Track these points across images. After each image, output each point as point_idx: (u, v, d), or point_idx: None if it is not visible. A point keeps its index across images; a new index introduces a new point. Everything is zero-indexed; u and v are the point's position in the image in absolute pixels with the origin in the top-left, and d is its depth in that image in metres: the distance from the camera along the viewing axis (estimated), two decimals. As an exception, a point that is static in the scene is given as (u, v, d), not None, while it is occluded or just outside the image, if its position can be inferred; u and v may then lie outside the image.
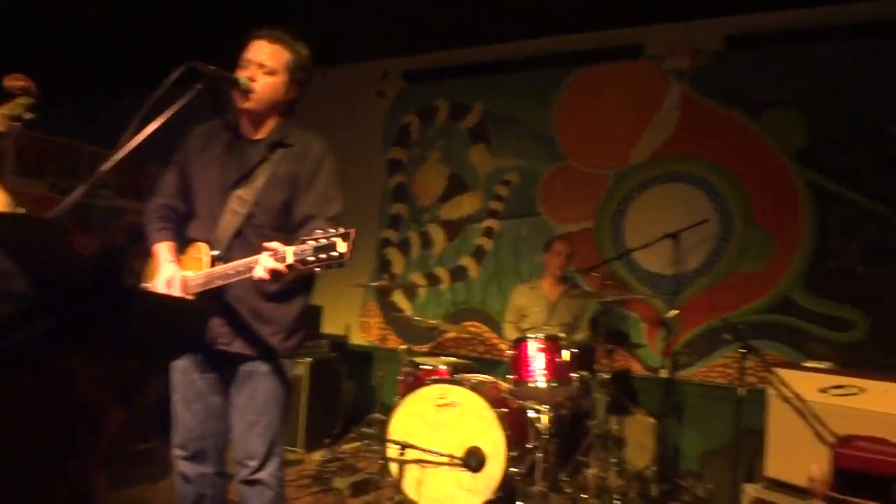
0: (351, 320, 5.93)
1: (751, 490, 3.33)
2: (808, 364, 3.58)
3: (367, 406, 5.21)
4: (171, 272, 2.19)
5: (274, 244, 1.90)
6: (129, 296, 0.66)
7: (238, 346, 2.25)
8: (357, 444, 4.69)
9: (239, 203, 2.24)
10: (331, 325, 5.81)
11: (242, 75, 2.22)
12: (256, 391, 2.26)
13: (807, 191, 4.59)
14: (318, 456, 4.35)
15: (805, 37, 4.63)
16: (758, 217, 4.73)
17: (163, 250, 2.29)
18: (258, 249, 1.97)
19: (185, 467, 2.31)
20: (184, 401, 2.33)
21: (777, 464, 3.36)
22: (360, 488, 3.84)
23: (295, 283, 2.26)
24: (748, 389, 3.65)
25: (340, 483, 3.81)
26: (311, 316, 5.17)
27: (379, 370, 4.78)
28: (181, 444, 2.32)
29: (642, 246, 4.60)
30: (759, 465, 3.49)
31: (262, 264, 1.92)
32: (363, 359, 5.76)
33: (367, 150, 6.00)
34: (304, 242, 1.85)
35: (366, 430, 4.69)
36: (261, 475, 2.27)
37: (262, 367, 2.27)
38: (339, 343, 5.64)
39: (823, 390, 3.26)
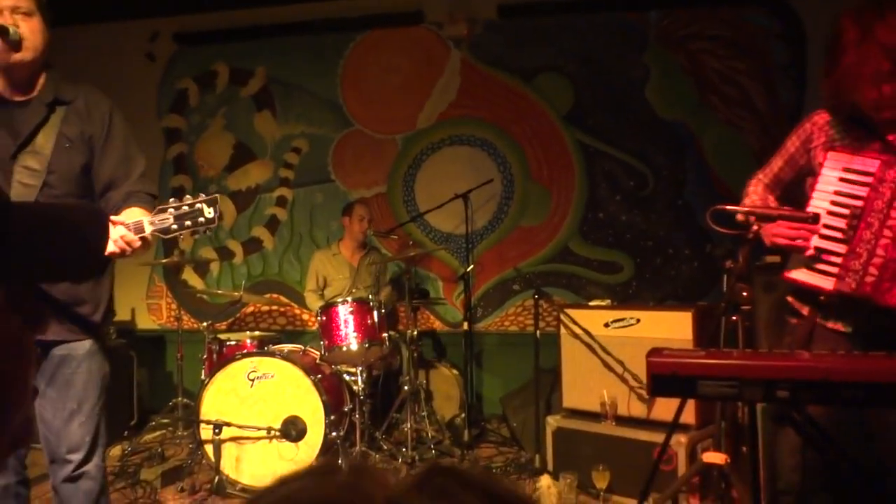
0: (136, 303, 5.49)
1: (552, 421, 3.66)
2: (592, 303, 3.99)
3: (164, 393, 4.89)
4: None
5: (123, 217, 1.77)
6: (5, 209, 0.61)
7: (53, 333, 2.02)
8: (160, 432, 4.41)
9: (28, 174, 1.97)
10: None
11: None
12: (75, 375, 2.04)
13: (576, 149, 5.06)
14: (117, 451, 4.02)
15: (567, 7, 5.06)
16: (535, 174, 5.12)
17: None
18: None
19: None
20: None
21: (572, 395, 3.73)
22: (171, 476, 3.62)
23: None
24: (541, 332, 4.00)
25: (149, 474, 3.57)
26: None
27: (177, 352, 4.51)
28: None
29: (435, 207, 4.81)
30: (557, 398, 3.85)
31: (114, 237, 1.78)
32: (154, 343, 5.37)
33: (139, 118, 5.46)
34: (163, 212, 1.79)
35: (169, 416, 4.42)
36: (87, 468, 2.06)
37: (78, 349, 2.05)
38: (125, 329, 5.20)
39: (607, 324, 3.66)
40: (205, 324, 4.18)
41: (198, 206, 1.80)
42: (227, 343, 4.04)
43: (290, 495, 0.38)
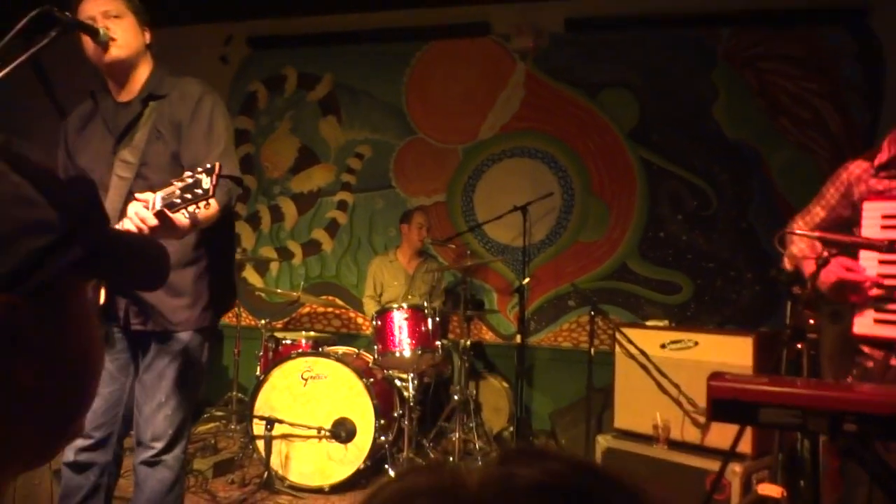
0: (232, 297, 5.67)
1: (603, 441, 3.61)
2: (650, 323, 3.93)
3: (220, 386, 5.01)
4: None
5: (145, 194, 1.79)
6: (108, 228, 0.65)
7: (153, 324, 2.11)
8: (214, 424, 4.51)
9: (123, 167, 2.08)
10: (174, 304, 5.48)
11: None
12: (167, 370, 2.12)
13: (639, 166, 4.99)
14: (171, 440, 4.13)
15: (636, 23, 5.00)
16: (596, 190, 5.07)
17: None
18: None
19: (84, 456, 2.11)
20: None
21: (625, 415, 3.66)
22: (222, 468, 3.71)
23: (204, 246, 2.16)
24: (595, 350, 3.95)
25: (201, 464, 3.66)
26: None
27: (234, 348, 4.62)
28: (86, 433, 2.09)
29: (494, 218, 4.81)
30: (608, 418, 3.79)
31: (130, 214, 1.77)
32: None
33: (209, 119, 5.66)
34: (170, 185, 1.75)
35: (223, 409, 4.53)
36: (166, 457, 2.14)
37: (175, 345, 2.13)
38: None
39: (664, 346, 3.59)
40: (263, 321, 4.27)
41: (197, 177, 1.73)
42: (284, 342, 4.12)
43: (402, 487, 0.42)
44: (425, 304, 4.01)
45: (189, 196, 1.72)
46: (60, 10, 1.94)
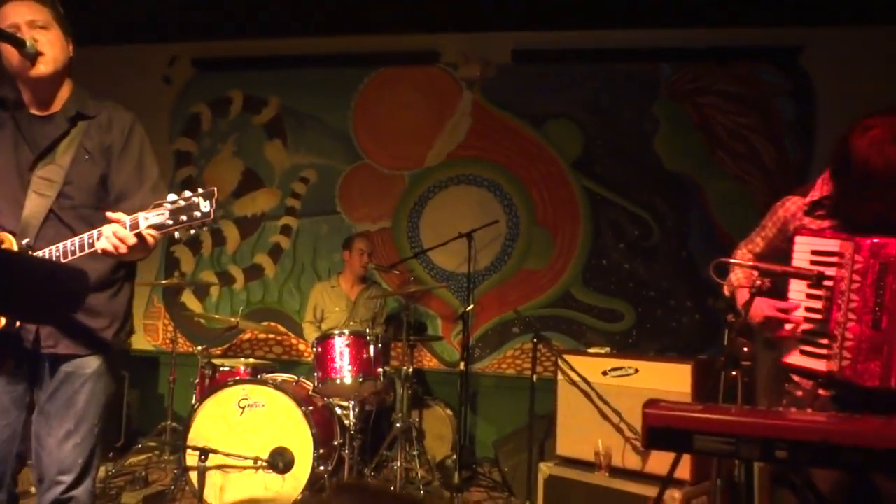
0: (134, 323, 5.48)
1: (545, 468, 3.59)
2: (592, 350, 3.95)
3: (154, 415, 4.83)
4: None
5: (118, 214, 1.73)
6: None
7: (65, 347, 1.98)
8: (146, 455, 4.33)
9: (44, 185, 1.97)
10: (108, 329, 5.29)
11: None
12: (78, 394, 1.99)
13: (583, 195, 5.07)
14: (100, 472, 3.94)
15: (581, 56, 5.11)
16: (541, 219, 5.12)
17: None
18: (78, 231, 1.83)
19: None
20: None
21: (567, 442, 3.66)
22: (153, 501, 3.55)
23: (121, 269, 2.10)
24: (538, 377, 3.95)
25: (130, 498, 3.51)
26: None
27: (170, 375, 4.47)
28: None
29: (439, 245, 4.80)
30: (551, 445, 3.79)
31: (107, 234, 1.74)
32: (148, 364, 5.32)
33: (150, 140, 5.51)
34: (158, 206, 1.72)
35: (156, 440, 4.36)
36: (76, 492, 1.98)
37: (88, 366, 2.01)
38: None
39: (605, 373, 3.62)
40: (199, 348, 4.15)
41: (194, 200, 1.71)
42: (221, 369, 4.00)
43: None
44: (367, 330, 3.96)
45: (184, 218, 1.73)
46: None
